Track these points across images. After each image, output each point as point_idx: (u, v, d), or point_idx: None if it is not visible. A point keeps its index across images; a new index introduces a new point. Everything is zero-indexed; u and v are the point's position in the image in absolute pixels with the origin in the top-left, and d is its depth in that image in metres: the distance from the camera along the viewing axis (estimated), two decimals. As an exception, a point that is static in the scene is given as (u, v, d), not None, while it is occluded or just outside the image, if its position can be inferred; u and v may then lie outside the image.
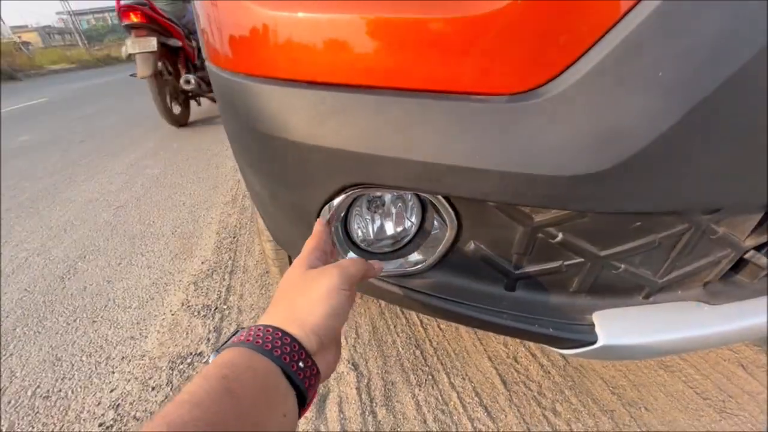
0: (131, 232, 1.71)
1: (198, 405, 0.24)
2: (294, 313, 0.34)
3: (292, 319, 0.33)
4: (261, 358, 0.29)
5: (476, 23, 0.36)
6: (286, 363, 0.29)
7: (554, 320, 0.53)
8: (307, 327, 0.33)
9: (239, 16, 0.47)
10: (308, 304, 0.34)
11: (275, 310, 0.35)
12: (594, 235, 0.48)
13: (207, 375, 0.27)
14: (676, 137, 0.34)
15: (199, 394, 0.25)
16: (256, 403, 0.26)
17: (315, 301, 0.34)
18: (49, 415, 0.89)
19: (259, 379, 0.28)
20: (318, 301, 0.34)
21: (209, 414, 0.24)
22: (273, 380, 0.28)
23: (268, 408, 0.27)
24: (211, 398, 0.25)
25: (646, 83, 0.34)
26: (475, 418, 0.81)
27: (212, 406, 0.24)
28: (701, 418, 0.79)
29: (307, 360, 0.31)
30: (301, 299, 0.35)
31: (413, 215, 0.56)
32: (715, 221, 0.47)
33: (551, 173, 0.37)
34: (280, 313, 0.34)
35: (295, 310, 0.34)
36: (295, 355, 0.30)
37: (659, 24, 0.32)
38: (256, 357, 0.29)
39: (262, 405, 0.27)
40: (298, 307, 0.34)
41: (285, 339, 0.31)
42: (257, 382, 0.27)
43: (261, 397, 0.27)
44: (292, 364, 0.30)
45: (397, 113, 0.41)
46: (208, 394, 0.25)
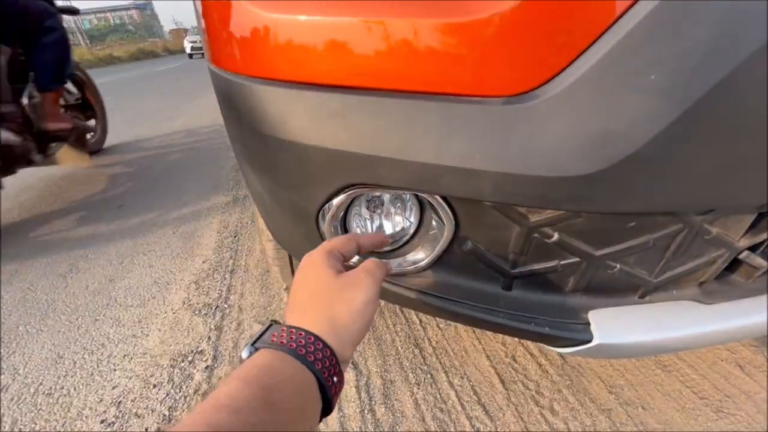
0: (132, 232, 1.72)
1: (238, 412, 0.24)
2: (332, 324, 0.32)
3: (330, 330, 0.32)
4: (303, 369, 0.28)
5: (473, 27, 0.37)
6: (324, 377, 0.29)
7: (550, 319, 0.54)
8: (345, 340, 0.32)
9: (241, 18, 0.48)
10: (347, 316, 0.33)
11: (310, 315, 0.34)
12: (589, 235, 0.49)
13: (247, 379, 0.26)
14: (670, 138, 0.35)
15: (239, 401, 0.24)
16: (293, 417, 0.26)
17: (354, 313, 0.33)
18: (51, 411, 0.90)
19: (299, 393, 0.27)
20: (357, 314, 0.33)
21: (248, 425, 0.23)
22: (310, 394, 0.28)
23: (302, 421, 0.27)
24: (251, 407, 0.24)
25: (640, 85, 0.34)
26: (474, 417, 0.82)
27: (251, 417, 0.24)
28: (698, 418, 0.79)
29: (340, 374, 0.31)
30: (340, 309, 0.33)
31: (412, 215, 0.57)
32: (709, 222, 0.47)
33: (547, 174, 0.38)
34: (316, 319, 0.33)
35: (334, 321, 0.33)
36: (332, 369, 0.30)
37: (653, 27, 0.33)
38: (299, 367, 0.28)
39: (297, 419, 0.26)
40: (337, 317, 0.33)
41: (325, 351, 0.30)
42: (297, 396, 0.27)
43: (298, 411, 0.27)
44: (328, 378, 0.29)
45: (396, 115, 0.42)
46: (249, 402, 0.25)
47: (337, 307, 0.34)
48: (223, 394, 0.25)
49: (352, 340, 0.33)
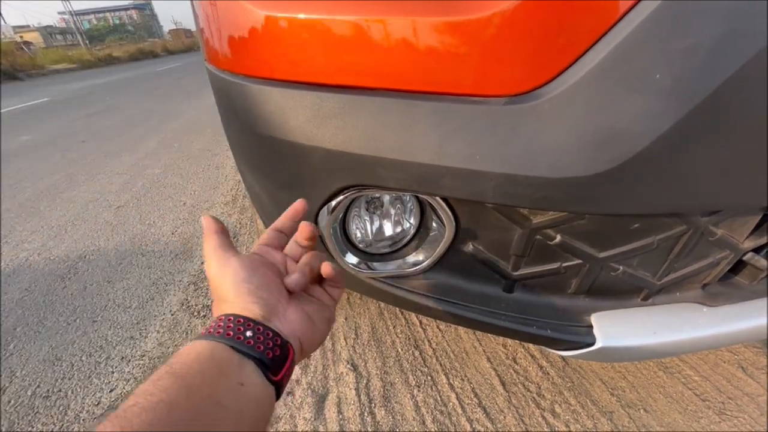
0: (131, 232, 1.71)
1: (140, 393, 0.24)
2: (226, 297, 0.35)
3: (227, 301, 0.35)
4: (204, 342, 0.30)
5: (475, 25, 0.36)
6: (230, 338, 0.30)
7: (552, 322, 0.53)
8: (236, 302, 0.34)
9: (239, 16, 0.48)
10: (230, 287, 0.35)
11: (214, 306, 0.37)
12: (592, 237, 0.48)
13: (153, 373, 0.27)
14: (675, 139, 0.34)
15: (143, 386, 0.25)
16: (205, 376, 0.27)
17: (235, 284, 0.36)
18: (48, 414, 0.89)
19: (203, 357, 0.28)
20: (238, 281, 0.36)
21: (151, 396, 0.24)
22: (220, 355, 0.29)
23: (220, 379, 0.27)
24: (153, 383, 0.25)
25: (643, 85, 0.34)
26: (474, 419, 0.81)
27: (153, 389, 0.24)
28: (700, 420, 0.79)
29: (257, 327, 0.32)
30: (225, 287, 0.36)
31: (412, 216, 0.56)
32: (713, 223, 0.47)
33: (549, 175, 0.37)
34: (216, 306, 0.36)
35: (226, 295, 0.35)
36: (240, 327, 0.31)
37: (657, 25, 0.32)
38: (198, 343, 0.30)
39: (212, 378, 0.27)
40: (226, 292, 0.35)
41: (228, 319, 0.32)
42: (202, 360, 0.28)
43: (209, 372, 0.27)
44: (237, 336, 0.30)
45: (396, 115, 0.41)
46: (151, 381, 0.25)
47: (216, 291, 0.37)
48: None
49: (241, 297, 0.34)
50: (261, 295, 0.35)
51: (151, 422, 0.22)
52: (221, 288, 0.36)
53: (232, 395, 0.27)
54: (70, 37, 50.63)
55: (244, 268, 0.37)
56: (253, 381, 0.29)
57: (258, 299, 0.34)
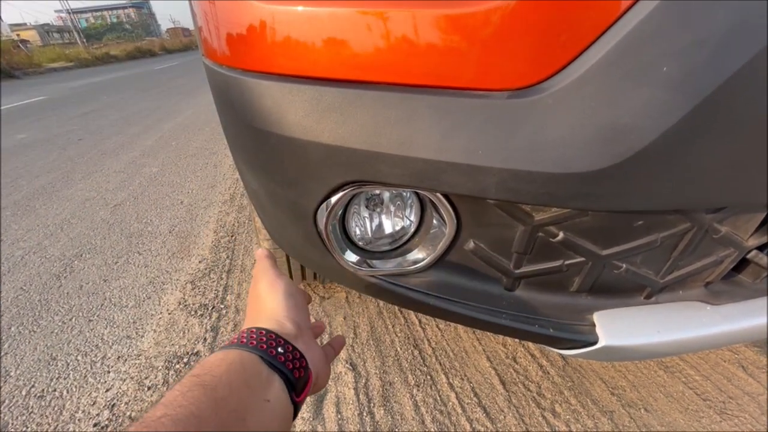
0: (128, 231, 1.70)
1: (169, 404, 0.24)
2: (262, 313, 0.37)
3: (262, 318, 0.36)
4: (235, 351, 0.29)
5: (477, 18, 0.36)
6: (263, 350, 0.30)
7: (555, 320, 0.53)
8: (279, 316, 0.35)
9: (236, 10, 0.47)
10: (273, 302, 0.38)
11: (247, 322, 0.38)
12: (595, 234, 0.48)
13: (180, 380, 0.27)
14: (680, 134, 0.33)
15: (171, 395, 0.24)
16: (233, 390, 0.26)
17: (278, 300, 0.38)
18: (43, 415, 0.88)
19: (234, 369, 0.27)
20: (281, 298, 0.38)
21: (180, 408, 0.23)
22: (251, 368, 0.29)
23: (249, 394, 0.27)
24: (183, 394, 0.24)
25: (649, 79, 0.33)
26: (474, 419, 0.80)
27: (183, 401, 0.24)
28: (701, 420, 0.78)
29: (287, 345, 0.32)
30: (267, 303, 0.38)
31: (412, 213, 0.55)
32: (718, 220, 0.46)
33: (553, 170, 0.36)
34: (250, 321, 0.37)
35: (263, 311, 0.37)
36: (273, 342, 0.31)
37: (663, 19, 0.31)
38: (230, 352, 0.29)
39: (240, 391, 0.26)
40: (265, 308, 0.37)
41: (260, 332, 0.32)
42: (232, 372, 0.27)
43: (237, 385, 0.27)
44: (270, 350, 0.30)
45: (397, 109, 0.40)
46: (180, 392, 0.25)
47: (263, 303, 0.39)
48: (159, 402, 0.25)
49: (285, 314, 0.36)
50: (298, 317, 0.37)
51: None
52: (266, 302, 0.38)
53: (257, 412, 0.26)
54: (68, 35, 50.44)
55: (292, 287, 0.40)
56: (279, 398, 0.29)
57: (294, 318, 0.36)
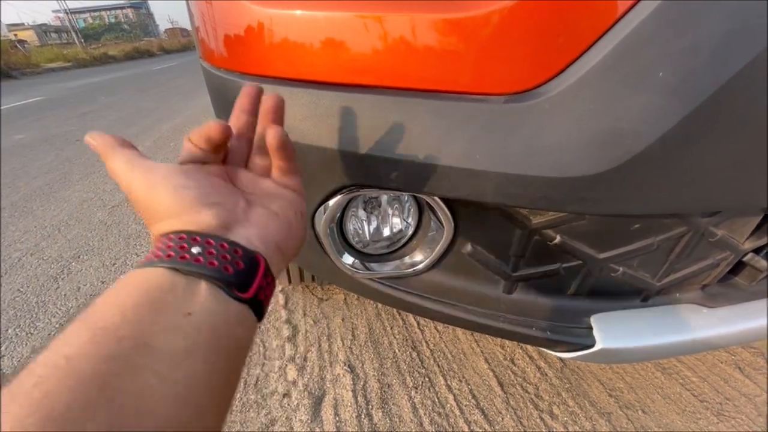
0: (126, 232, 1.69)
1: (41, 363, 0.20)
2: (158, 218, 0.28)
3: (160, 226, 0.28)
4: (134, 275, 0.24)
5: (474, 23, 0.36)
6: (170, 259, 0.24)
7: (552, 323, 0.53)
8: (181, 216, 0.27)
9: (234, 14, 0.47)
10: (164, 199, 0.28)
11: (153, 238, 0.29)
12: (592, 238, 0.48)
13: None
14: (676, 139, 0.34)
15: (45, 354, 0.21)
16: (128, 317, 0.21)
17: (168, 192, 0.28)
18: (40, 417, 0.88)
19: (125, 294, 0.23)
20: (171, 188, 0.28)
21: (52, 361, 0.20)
22: (155, 283, 0.23)
23: (153, 316, 0.22)
24: (59, 343, 0.21)
25: (645, 84, 0.33)
26: (472, 421, 0.81)
27: (57, 351, 0.20)
28: (698, 421, 0.78)
29: (206, 240, 0.26)
30: (157, 203, 0.28)
31: (410, 216, 0.56)
32: (714, 224, 0.46)
33: (550, 175, 0.37)
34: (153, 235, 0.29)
35: (158, 215, 0.28)
36: (184, 245, 0.25)
37: (661, 22, 0.32)
38: (122, 279, 0.24)
39: (139, 315, 0.22)
40: (158, 211, 0.28)
41: (160, 240, 0.26)
42: (124, 297, 0.23)
43: (135, 309, 0.22)
44: (180, 256, 0.25)
45: (395, 113, 0.40)
46: (58, 342, 0.21)
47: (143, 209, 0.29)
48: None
49: (174, 209, 0.28)
50: (212, 200, 0.28)
51: (49, 392, 0.17)
52: (155, 203, 0.28)
53: (172, 331, 0.22)
54: (65, 35, 50.36)
55: (178, 174, 0.29)
56: (208, 306, 0.24)
57: (209, 205, 0.28)
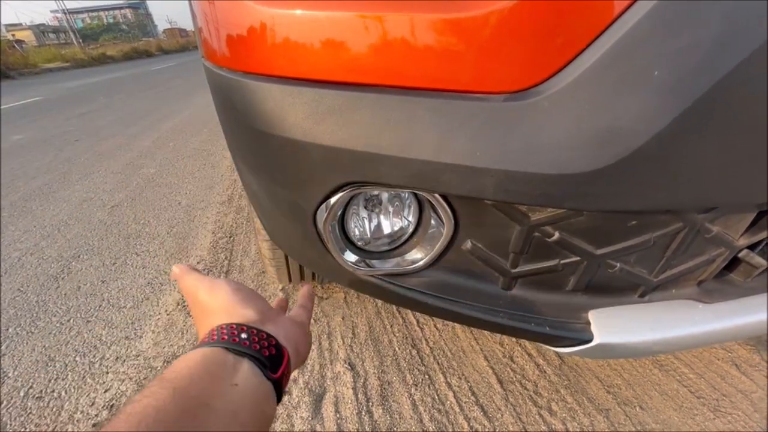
0: (126, 232, 1.69)
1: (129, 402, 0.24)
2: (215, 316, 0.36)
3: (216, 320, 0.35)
4: (197, 350, 0.30)
5: (474, 22, 0.36)
6: (225, 341, 0.31)
7: (551, 319, 0.54)
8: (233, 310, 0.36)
9: (237, 13, 0.47)
10: (222, 301, 0.37)
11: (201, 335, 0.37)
12: (590, 234, 0.49)
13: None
14: (672, 136, 0.34)
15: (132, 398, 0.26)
16: (194, 380, 0.27)
17: (227, 297, 0.37)
18: (41, 415, 0.88)
19: (195, 363, 0.28)
20: (229, 293, 0.38)
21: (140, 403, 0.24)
22: (213, 359, 0.29)
23: (211, 381, 0.27)
24: (142, 392, 0.25)
25: (641, 83, 0.34)
26: (472, 418, 0.81)
27: (142, 397, 0.25)
28: (695, 417, 0.79)
29: (251, 330, 0.33)
30: (216, 305, 0.37)
31: (410, 214, 0.56)
32: (709, 220, 0.47)
33: (548, 172, 0.37)
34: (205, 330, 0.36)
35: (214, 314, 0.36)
36: (234, 331, 0.32)
37: (656, 22, 0.32)
38: (191, 353, 0.30)
39: (202, 380, 0.27)
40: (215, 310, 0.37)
41: (221, 328, 0.32)
42: (192, 366, 0.28)
43: (199, 376, 0.27)
44: (232, 339, 0.31)
45: (395, 111, 0.41)
46: (141, 392, 0.26)
47: (208, 308, 0.38)
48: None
49: (234, 308, 0.36)
50: (254, 304, 0.37)
51: (138, 423, 0.23)
52: (214, 305, 0.37)
53: (224, 396, 0.27)
54: (63, 35, 50.19)
55: (235, 283, 0.39)
56: (249, 380, 0.29)
57: (251, 306, 0.36)
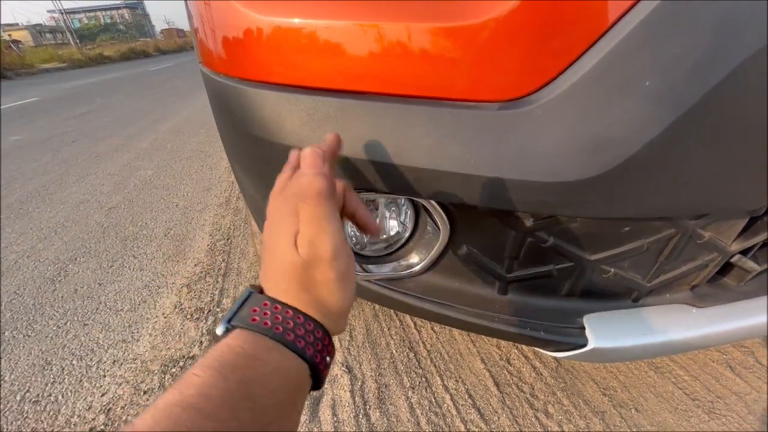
0: (123, 234, 1.69)
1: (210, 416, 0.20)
2: (315, 295, 0.28)
3: (314, 303, 0.28)
4: (292, 357, 0.25)
5: (468, 31, 0.37)
6: (317, 363, 0.26)
7: (546, 323, 0.54)
8: (333, 314, 0.29)
9: (235, 20, 0.48)
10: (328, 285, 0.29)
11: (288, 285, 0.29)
12: (584, 240, 0.49)
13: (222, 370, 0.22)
14: (665, 144, 0.35)
15: (213, 400, 0.21)
16: (279, 413, 0.23)
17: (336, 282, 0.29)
18: (38, 420, 0.88)
19: (286, 386, 0.24)
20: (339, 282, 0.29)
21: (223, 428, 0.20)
22: (300, 381, 0.25)
23: (291, 410, 0.24)
24: (228, 408, 0.21)
25: (633, 92, 0.34)
26: (468, 420, 0.81)
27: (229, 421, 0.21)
28: (690, 419, 0.80)
29: (333, 351, 0.28)
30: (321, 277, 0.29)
31: (407, 219, 0.57)
32: (701, 226, 0.48)
33: (542, 179, 0.38)
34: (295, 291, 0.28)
35: (316, 291, 0.29)
36: (325, 351, 0.27)
37: (647, 33, 0.33)
38: (287, 356, 0.25)
39: (286, 408, 0.24)
40: (319, 287, 0.29)
41: (317, 333, 0.27)
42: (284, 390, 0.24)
43: (285, 405, 0.24)
44: (321, 362, 0.26)
45: (391, 119, 0.41)
46: (224, 401, 0.21)
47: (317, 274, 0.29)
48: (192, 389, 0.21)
49: (339, 313, 0.30)
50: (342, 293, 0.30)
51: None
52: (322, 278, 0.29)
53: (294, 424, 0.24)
54: (60, 35, 50.01)
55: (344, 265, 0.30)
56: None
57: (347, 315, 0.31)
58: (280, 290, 0.29)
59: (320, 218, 0.29)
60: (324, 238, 0.28)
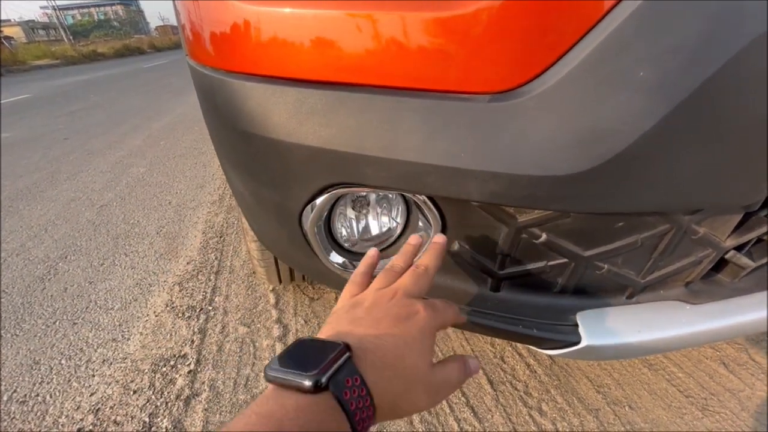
0: (115, 232, 1.67)
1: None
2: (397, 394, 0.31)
3: (390, 401, 0.30)
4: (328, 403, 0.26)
5: (460, 21, 0.36)
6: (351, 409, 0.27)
7: (538, 321, 0.53)
8: (391, 414, 0.31)
9: (220, 11, 0.46)
10: (416, 403, 0.32)
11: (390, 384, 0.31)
12: (577, 236, 0.48)
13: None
14: (657, 138, 0.34)
15: None
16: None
17: (424, 405, 0.33)
18: (25, 420, 0.86)
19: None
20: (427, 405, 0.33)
21: None
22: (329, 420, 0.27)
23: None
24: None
25: (628, 83, 0.33)
26: (462, 419, 0.81)
27: None
28: (684, 416, 0.80)
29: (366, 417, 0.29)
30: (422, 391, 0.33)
31: (398, 215, 0.56)
32: (696, 222, 0.47)
33: (534, 173, 0.37)
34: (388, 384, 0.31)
35: (403, 395, 0.31)
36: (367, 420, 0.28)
37: (641, 23, 0.32)
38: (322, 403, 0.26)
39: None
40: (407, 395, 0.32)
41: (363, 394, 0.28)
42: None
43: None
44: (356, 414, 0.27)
45: (380, 112, 0.40)
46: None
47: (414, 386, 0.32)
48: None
49: (400, 411, 0.32)
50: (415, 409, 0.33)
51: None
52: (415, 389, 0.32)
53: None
54: (53, 32, 49.52)
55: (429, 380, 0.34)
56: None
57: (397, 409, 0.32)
58: (381, 377, 0.30)
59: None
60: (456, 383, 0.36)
